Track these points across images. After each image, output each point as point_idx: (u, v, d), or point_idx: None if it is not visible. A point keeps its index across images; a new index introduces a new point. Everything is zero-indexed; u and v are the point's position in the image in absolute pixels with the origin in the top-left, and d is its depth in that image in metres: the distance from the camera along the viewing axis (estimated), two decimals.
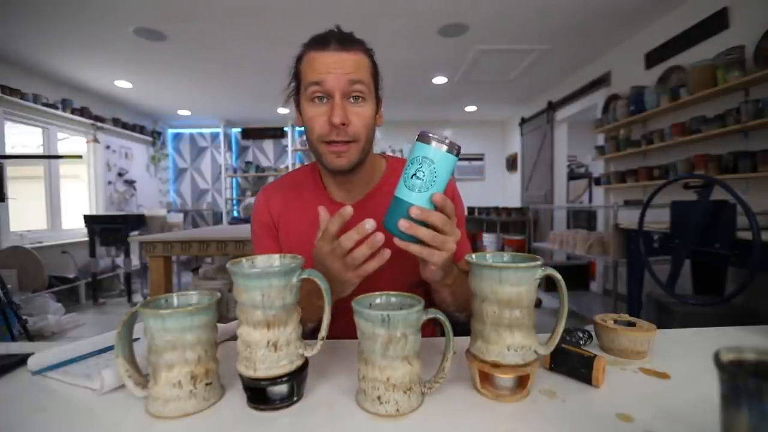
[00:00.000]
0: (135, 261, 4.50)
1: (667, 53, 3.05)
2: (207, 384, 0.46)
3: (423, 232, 0.51)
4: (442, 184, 0.53)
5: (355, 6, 2.83)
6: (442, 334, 0.51)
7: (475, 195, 6.34)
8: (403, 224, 0.51)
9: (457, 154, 0.53)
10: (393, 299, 0.50)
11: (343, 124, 0.67)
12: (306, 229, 0.79)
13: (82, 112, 4.48)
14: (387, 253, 0.55)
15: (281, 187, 0.85)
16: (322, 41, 0.68)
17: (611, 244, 2.85)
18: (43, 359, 0.55)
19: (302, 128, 0.74)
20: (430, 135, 0.52)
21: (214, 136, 6.54)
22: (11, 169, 2.98)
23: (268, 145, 6.64)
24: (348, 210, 0.54)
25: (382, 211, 0.55)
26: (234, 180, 6.59)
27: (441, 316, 0.47)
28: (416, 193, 0.52)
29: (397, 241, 0.53)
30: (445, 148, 0.51)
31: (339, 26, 0.72)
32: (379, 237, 0.53)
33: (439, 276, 0.58)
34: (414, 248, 0.53)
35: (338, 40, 0.68)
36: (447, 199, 0.52)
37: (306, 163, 0.93)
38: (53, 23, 3.01)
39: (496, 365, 0.47)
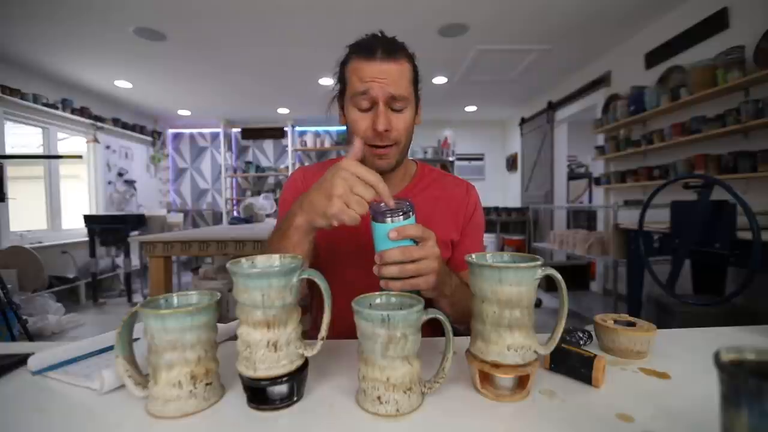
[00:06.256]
0: (135, 261, 4.50)
1: (667, 53, 3.05)
2: (207, 384, 0.46)
3: (392, 269, 0.56)
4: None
5: (355, 6, 2.83)
6: (442, 334, 0.51)
7: None
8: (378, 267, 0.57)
9: (413, 212, 0.57)
10: (393, 299, 0.50)
11: (386, 131, 0.71)
12: None
13: (82, 112, 4.48)
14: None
15: (319, 170, 0.87)
16: (368, 49, 0.71)
17: (611, 244, 2.86)
18: (43, 359, 0.55)
19: (343, 127, 0.81)
20: (385, 211, 0.56)
21: (214, 136, 6.54)
22: (11, 169, 2.98)
23: (268, 145, 6.64)
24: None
25: None
26: (234, 180, 6.59)
27: (441, 316, 0.47)
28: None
29: (382, 283, 0.57)
30: (400, 216, 0.56)
31: (383, 31, 0.75)
32: (383, 186, 0.55)
33: (432, 294, 0.63)
34: (397, 285, 0.56)
35: (383, 49, 0.71)
36: (403, 230, 0.56)
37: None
38: (53, 23, 3.01)
39: (496, 365, 0.47)
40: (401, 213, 0.56)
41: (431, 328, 0.86)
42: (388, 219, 0.56)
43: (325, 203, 0.55)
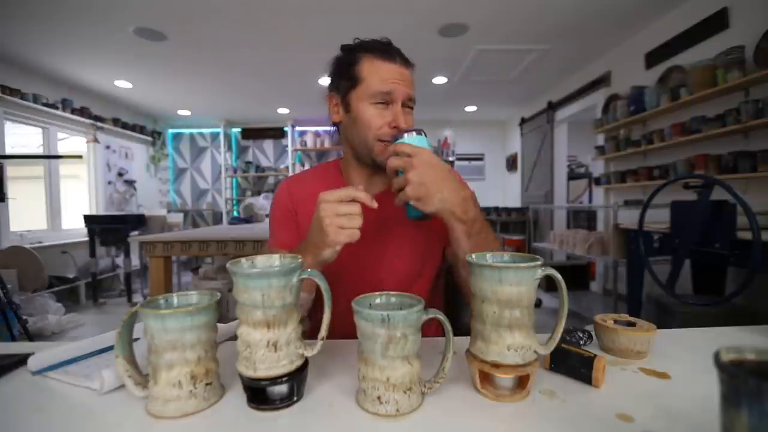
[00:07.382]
0: (135, 261, 4.50)
1: (667, 53, 3.05)
2: (207, 384, 0.46)
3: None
4: None
5: (354, 6, 2.83)
6: (442, 334, 0.51)
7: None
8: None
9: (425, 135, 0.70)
10: (393, 299, 0.50)
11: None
12: None
13: (82, 112, 4.48)
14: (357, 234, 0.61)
15: (303, 178, 0.92)
16: (387, 53, 0.78)
17: (611, 244, 2.86)
18: (43, 359, 0.55)
19: (336, 124, 0.84)
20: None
21: (214, 136, 6.54)
22: (11, 169, 2.98)
23: (268, 145, 6.64)
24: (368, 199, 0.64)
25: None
26: (234, 180, 6.59)
27: (441, 316, 0.47)
28: None
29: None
30: (414, 134, 0.69)
31: (389, 39, 0.81)
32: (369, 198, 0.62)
33: (425, 209, 0.64)
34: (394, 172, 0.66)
35: (401, 56, 0.79)
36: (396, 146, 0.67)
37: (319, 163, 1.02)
38: (53, 23, 3.01)
39: (496, 365, 0.47)
40: (412, 132, 0.69)
41: (431, 328, 0.86)
42: (402, 135, 0.69)
43: (322, 236, 0.61)
